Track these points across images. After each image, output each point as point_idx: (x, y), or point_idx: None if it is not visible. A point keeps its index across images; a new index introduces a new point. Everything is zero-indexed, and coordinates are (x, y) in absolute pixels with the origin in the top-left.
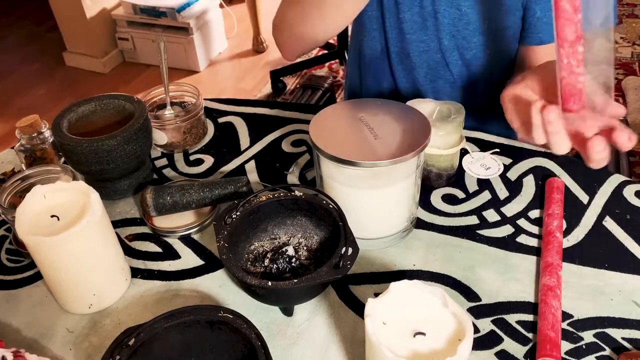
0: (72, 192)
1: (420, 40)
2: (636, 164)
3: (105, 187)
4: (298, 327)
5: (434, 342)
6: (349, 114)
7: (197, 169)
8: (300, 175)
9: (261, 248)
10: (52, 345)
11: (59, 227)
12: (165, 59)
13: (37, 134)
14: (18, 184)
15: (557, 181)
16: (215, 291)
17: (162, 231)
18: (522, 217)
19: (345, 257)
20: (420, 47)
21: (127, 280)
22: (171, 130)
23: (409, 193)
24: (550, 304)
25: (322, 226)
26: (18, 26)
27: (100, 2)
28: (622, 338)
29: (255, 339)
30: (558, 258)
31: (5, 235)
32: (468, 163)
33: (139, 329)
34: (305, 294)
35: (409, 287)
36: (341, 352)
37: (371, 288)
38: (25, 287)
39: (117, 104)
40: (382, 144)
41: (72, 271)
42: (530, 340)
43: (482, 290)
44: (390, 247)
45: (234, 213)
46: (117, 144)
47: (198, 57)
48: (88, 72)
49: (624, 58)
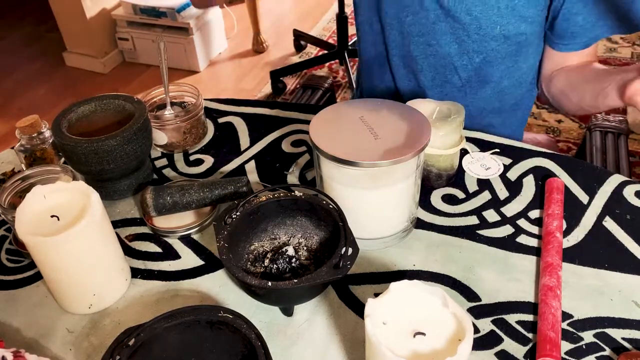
0: (72, 192)
1: (427, 44)
2: (636, 164)
3: (105, 187)
4: (298, 327)
5: (434, 342)
6: (349, 114)
7: (197, 169)
8: (300, 176)
9: (261, 248)
10: (52, 345)
11: (59, 227)
12: (165, 59)
13: (37, 134)
14: (18, 184)
15: (557, 181)
16: (215, 291)
17: (162, 231)
18: (522, 217)
19: (345, 257)
20: (428, 50)
21: (127, 281)
22: (171, 131)
23: (409, 193)
24: (550, 304)
25: (322, 226)
26: (18, 26)
27: (100, 2)
28: (622, 338)
29: (255, 339)
30: (558, 258)
31: (5, 235)
32: (468, 163)
33: (139, 329)
34: (305, 294)
35: (409, 287)
36: (341, 352)
37: (371, 288)
38: (25, 287)
39: (117, 104)
40: (382, 144)
41: (72, 271)
42: (530, 341)
43: (482, 290)
44: (390, 247)
45: (234, 213)
46: (117, 144)
47: (198, 57)
48: (88, 72)
49: (624, 58)
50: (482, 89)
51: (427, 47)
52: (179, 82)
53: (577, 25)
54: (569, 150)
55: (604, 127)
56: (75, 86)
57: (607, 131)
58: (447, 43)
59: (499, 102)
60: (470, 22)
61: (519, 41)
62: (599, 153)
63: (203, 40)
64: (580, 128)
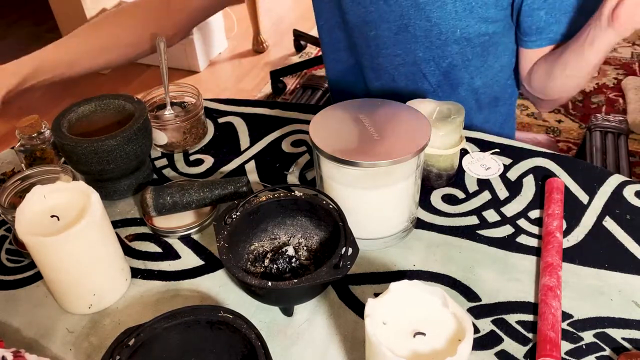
0: (72, 192)
1: (394, 55)
2: (636, 164)
3: (105, 187)
4: (298, 327)
5: (434, 342)
6: (349, 114)
7: (197, 169)
8: (300, 176)
9: (261, 248)
10: (52, 345)
11: (59, 227)
12: (165, 59)
13: (37, 134)
14: (18, 184)
15: (557, 181)
16: (215, 291)
17: (162, 231)
18: (522, 217)
19: (345, 257)
20: (396, 60)
21: (127, 281)
22: (171, 131)
23: (409, 193)
24: (550, 304)
25: (322, 226)
26: (18, 26)
27: (100, 2)
28: (622, 338)
29: (255, 339)
30: (558, 258)
31: (5, 235)
32: (468, 163)
33: (139, 329)
34: (305, 294)
35: (409, 287)
36: (341, 352)
37: (371, 288)
38: (25, 287)
39: (117, 104)
40: (382, 144)
41: (72, 271)
42: (530, 341)
43: (482, 290)
44: (390, 247)
45: (234, 213)
46: (117, 144)
47: (198, 57)
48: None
49: (624, 58)
50: (455, 91)
51: (394, 58)
52: (179, 82)
53: (541, 20)
54: (569, 150)
55: (604, 128)
56: (75, 86)
57: (607, 131)
58: (412, 51)
59: (475, 101)
60: (431, 28)
61: (482, 42)
62: (599, 153)
63: (203, 40)
64: (580, 128)
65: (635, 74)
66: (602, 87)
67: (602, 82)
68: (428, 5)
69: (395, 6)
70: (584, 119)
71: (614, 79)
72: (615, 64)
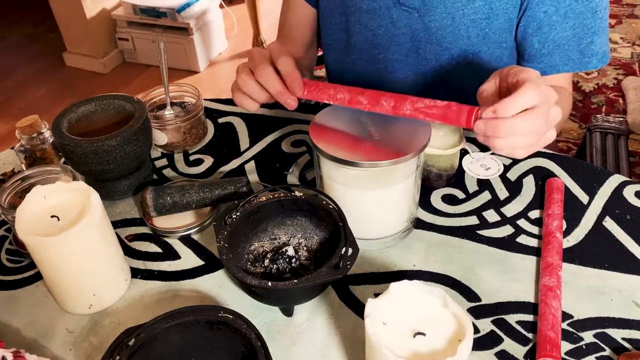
0: (72, 192)
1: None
2: (636, 164)
3: (105, 187)
4: (298, 327)
5: (434, 342)
6: (349, 114)
7: (197, 169)
8: (300, 176)
9: (261, 248)
10: (52, 346)
11: (59, 228)
12: (165, 59)
13: (37, 134)
14: (18, 184)
15: (557, 181)
16: (215, 291)
17: (162, 231)
18: (522, 218)
19: (345, 257)
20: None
21: (127, 281)
22: (171, 131)
23: (409, 193)
24: (550, 304)
25: (322, 226)
26: (18, 26)
27: (100, 2)
28: (622, 338)
29: (255, 339)
30: (558, 258)
31: (5, 235)
32: (468, 163)
33: (139, 329)
34: (305, 294)
35: (409, 287)
36: (341, 352)
37: (371, 288)
38: (25, 287)
39: (117, 104)
40: (382, 144)
41: (72, 271)
42: (530, 341)
43: (482, 290)
44: (390, 247)
45: (234, 213)
46: (117, 144)
47: (198, 58)
48: (88, 72)
49: (624, 58)
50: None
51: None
52: (179, 82)
53: (533, 47)
54: (569, 150)
55: (604, 128)
56: (75, 86)
57: (607, 132)
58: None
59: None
60: (442, 52)
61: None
62: (599, 154)
63: (203, 40)
64: (580, 128)
65: (635, 74)
66: (602, 87)
67: (602, 83)
68: (440, 30)
69: (405, 28)
70: (584, 119)
71: (614, 79)
72: (615, 64)
